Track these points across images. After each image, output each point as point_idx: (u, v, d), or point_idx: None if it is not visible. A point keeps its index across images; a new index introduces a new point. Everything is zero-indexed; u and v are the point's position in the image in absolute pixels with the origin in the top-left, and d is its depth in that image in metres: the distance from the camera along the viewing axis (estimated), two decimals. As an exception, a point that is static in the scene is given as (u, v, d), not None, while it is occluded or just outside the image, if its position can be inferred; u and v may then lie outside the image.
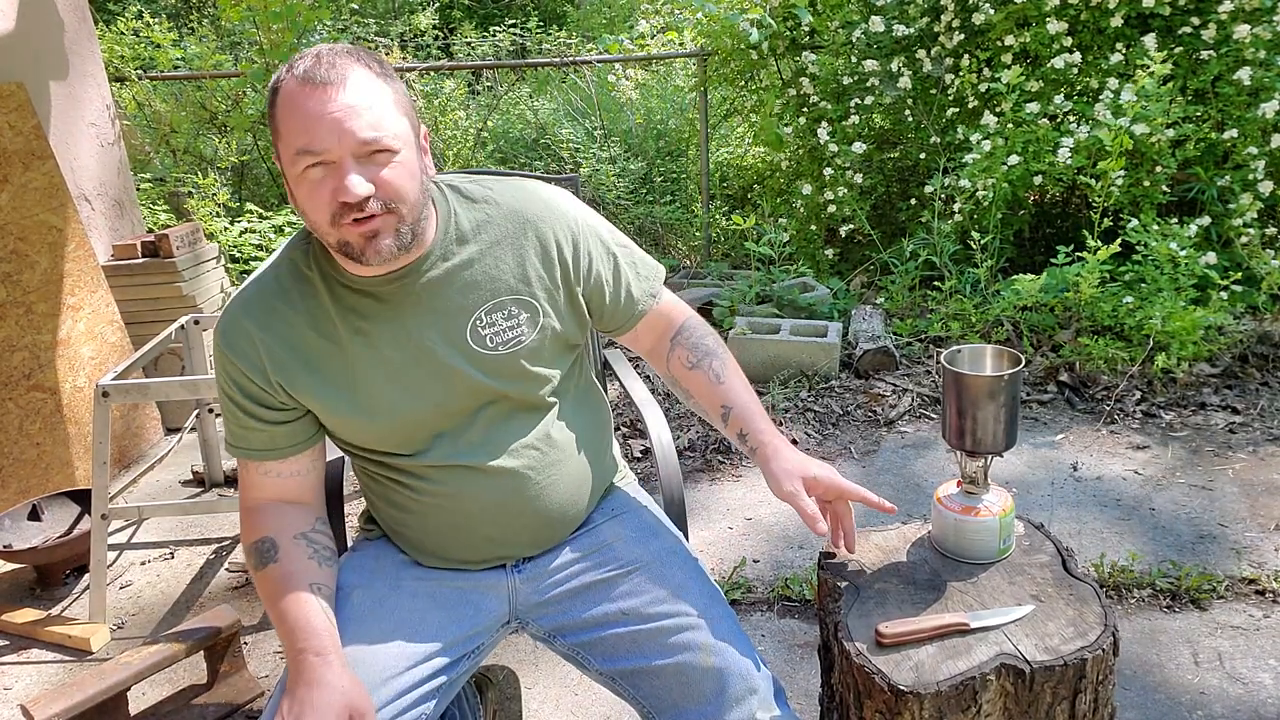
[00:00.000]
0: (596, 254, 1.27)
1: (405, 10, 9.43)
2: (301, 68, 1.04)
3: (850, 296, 4.16)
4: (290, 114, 1.04)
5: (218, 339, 1.18)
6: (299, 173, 1.05)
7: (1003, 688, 1.09)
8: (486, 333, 1.19)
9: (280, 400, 1.18)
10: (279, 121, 1.05)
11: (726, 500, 2.75)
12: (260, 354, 1.16)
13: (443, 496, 1.21)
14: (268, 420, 1.18)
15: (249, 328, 1.16)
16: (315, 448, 1.24)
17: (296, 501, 1.23)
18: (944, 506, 1.30)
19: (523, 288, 1.21)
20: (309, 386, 1.17)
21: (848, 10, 4.28)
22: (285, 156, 1.06)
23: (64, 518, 2.61)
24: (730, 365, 1.35)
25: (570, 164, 5.48)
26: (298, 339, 1.16)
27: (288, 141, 1.05)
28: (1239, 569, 2.22)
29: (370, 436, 1.20)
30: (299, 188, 1.07)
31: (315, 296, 1.17)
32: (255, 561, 1.17)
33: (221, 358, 1.18)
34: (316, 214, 1.07)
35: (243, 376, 1.17)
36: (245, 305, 1.18)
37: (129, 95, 5.24)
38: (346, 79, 1.04)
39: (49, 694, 1.71)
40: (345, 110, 1.03)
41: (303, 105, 1.03)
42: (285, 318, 1.16)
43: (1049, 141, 3.54)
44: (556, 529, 1.29)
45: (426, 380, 1.18)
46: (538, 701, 1.94)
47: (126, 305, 3.39)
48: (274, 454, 1.20)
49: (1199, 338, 3.14)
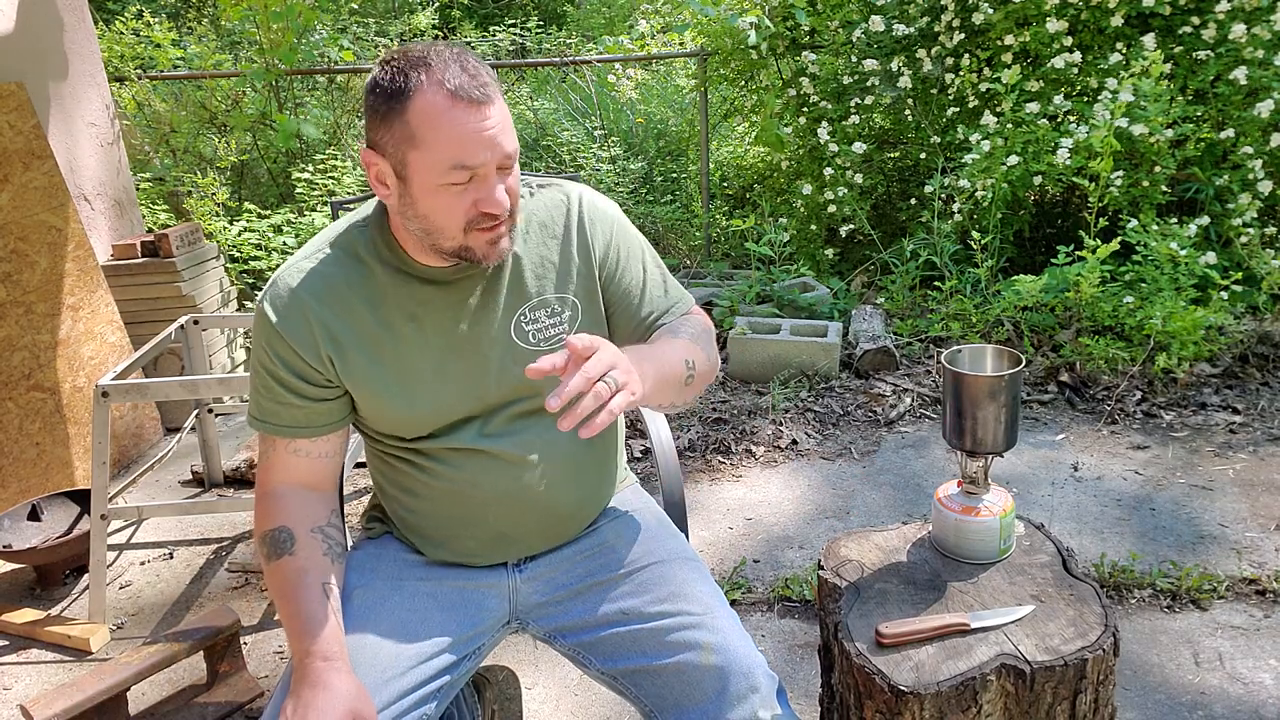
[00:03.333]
0: (633, 262, 1.30)
1: (405, 10, 9.42)
2: (454, 81, 1.04)
3: (850, 296, 4.16)
4: (443, 126, 1.04)
5: (265, 310, 1.16)
6: (443, 184, 1.06)
7: (1003, 688, 1.09)
8: (530, 329, 1.22)
9: (326, 377, 1.18)
10: (417, 128, 1.04)
11: (726, 500, 2.75)
12: (314, 328, 1.15)
13: (458, 482, 1.22)
14: (308, 397, 1.18)
15: (305, 300, 1.16)
16: (344, 430, 1.24)
17: (317, 488, 1.23)
18: (944, 506, 1.30)
19: (566, 286, 1.24)
20: (359, 366, 1.17)
21: (848, 10, 4.28)
22: (427, 164, 1.06)
23: (64, 518, 2.61)
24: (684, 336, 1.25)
25: (570, 164, 5.48)
26: (354, 318, 1.17)
27: (433, 150, 1.05)
28: (1239, 569, 2.22)
29: (402, 422, 1.21)
30: (435, 196, 1.07)
31: (372, 280, 1.18)
32: (269, 551, 1.16)
33: (268, 329, 1.16)
34: (449, 220, 1.08)
35: (290, 351, 1.16)
36: (301, 279, 1.17)
37: (129, 95, 5.23)
38: (494, 97, 1.07)
39: (49, 694, 1.71)
40: (497, 127, 1.06)
41: (461, 121, 1.04)
42: (342, 296, 1.17)
43: (1049, 142, 3.54)
44: (566, 525, 1.29)
45: (467, 371, 1.20)
46: (538, 701, 1.94)
47: (126, 305, 3.39)
48: (307, 431, 1.20)
49: (1199, 338, 3.15)
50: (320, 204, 4.89)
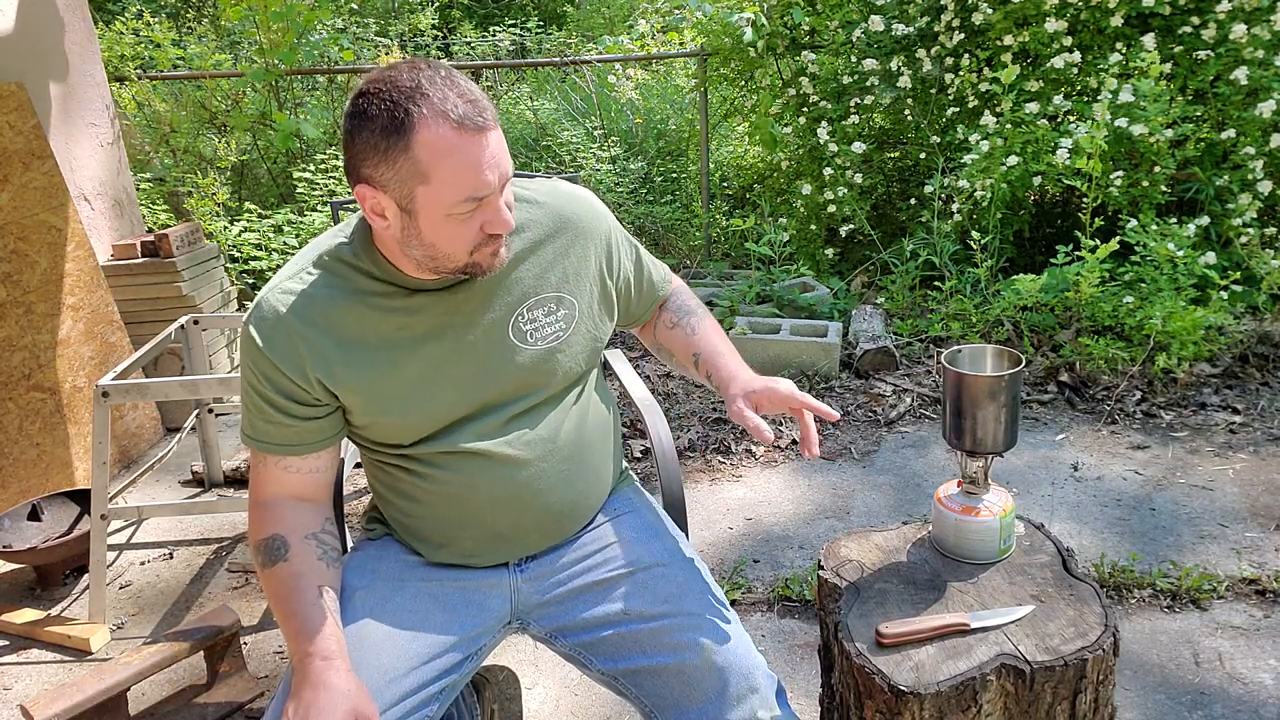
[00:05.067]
0: (625, 250, 1.37)
1: (405, 10, 9.43)
2: (457, 112, 1.01)
3: (850, 296, 4.16)
4: (453, 160, 1.02)
5: (250, 333, 1.15)
6: (452, 214, 1.05)
7: (1003, 688, 1.09)
8: (528, 328, 1.22)
9: (314, 396, 1.17)
10: (425, 164, 1.02)
11: (726, 500, 2.75)
12: (299, 348, 1.14)
13: (455, 485, 1.22)
14: (297, 416, 1.17)
15: (289, 321, 1.14)
16: (335, 446, 1.24)
17: (310, 499, 1.23)
18: (944, 506, 1.30)
19: (562, 285, 1.25)
20: (350, 381, 1.16)
21: (847, 10, 4.28)
22: (437, 199, 1.04)
23: (64, 518, 2.61)
24: (707, 321, 1.43)
25: (570, 164, 5.48)
26: (342, 334, 1.16)
27: (449, 188, 1.03)
28: (1239, 569, 2.22)
29: (398, 429, 1.20)
30: (443, 226, 1.06)
31: (359, 294, 1.17)
32: (264, 559, 1.17)
33: (254, 352, 1.15)
34: (456, 247, 1.09)
35: (276, 371, 1.15)
36: (284, 299, 1.15)
37: (129, 95, 5.24)
38: (494, 120, 1.06)
39: (49, 694, 1.71)
40: (498, 150, 1.06)
41: (470, 154, 1.03)
42: (328, 312, 1.15)
43: (1048, 142, 3.54)
44: (565, 524, 1.29)
45: (464, 374, 1.19)
46: (538, 701, 1.94)
47: (126, 305, 3.39)
48: (298, 449, 1.19)
49: (1199, 338, 3.15)
50: (320, 204, 4.89)
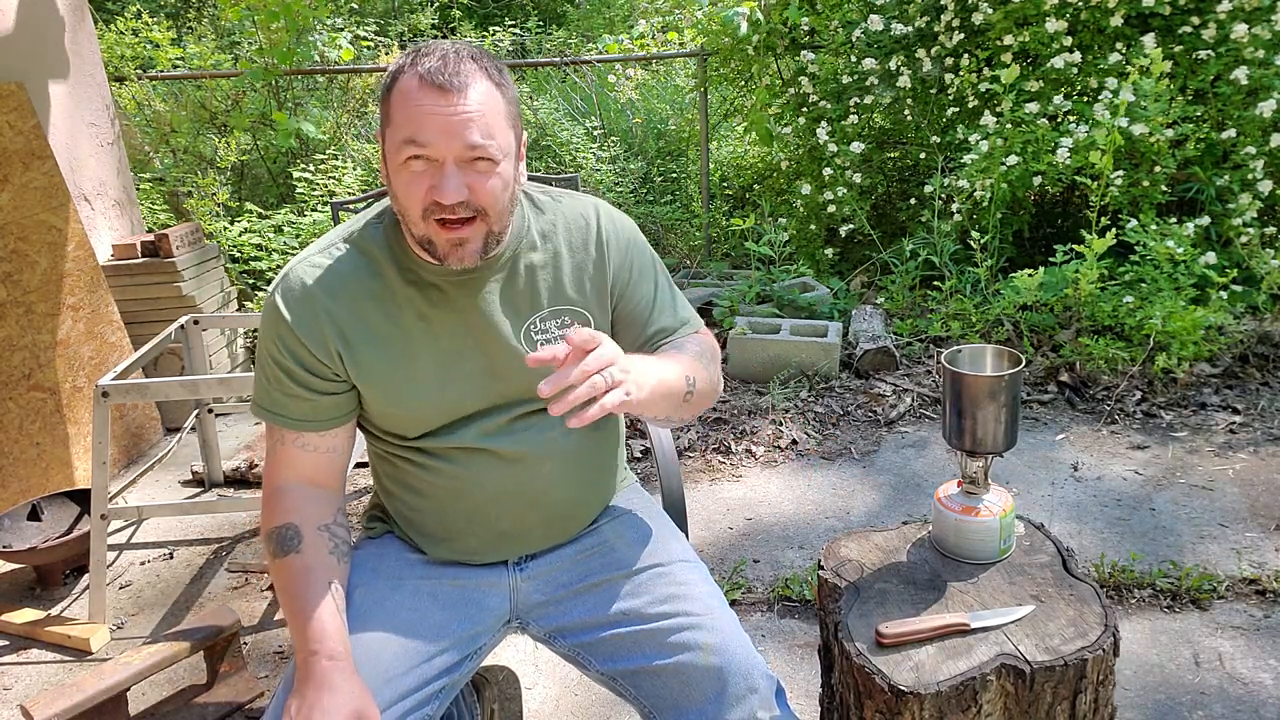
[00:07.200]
0: (645, 279, 1.31)
1: (405, 10, 9.43)
2: (427, 65, 1.06)
3: (850, 296, 4.16)
4: (403, 105, 1.06)
5: (276, 303, 1.16)
6: (401, 161, 1.07)
7: (1003, 688, 1.09)
8: (540, 338, 1.22)
9: (334, 371, 1.18)
10: (392, 108, 1.08)
11: (726, 500, 2.75)
12: (324, 323, 1.16)
13: (461, 480, 1.22)
14: (316, 390, 1.18)
15: (316, 294, 1.16)
16: (350, 425, 1.24)
17: (324, 484, 1.23)
18: (944, 506, 1.30)
19: (578, 299, 1.25)
20: (367, 362, 1.17)
21: (847, 9, 4.28)
22: (390, 142, 1.09)
23: (64, 518, 2.61)
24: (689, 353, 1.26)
25: (570, 164, 5.48)
26: (365, 315, 1.17)
27: (396, 128, 1.07)
28: (1239, 569, 2.22)
29: (407, 420, 1.21)
30: (398, 175, 1.09)
31: (383, 277, 1.18)
32: (275, 548, 1.16)
33: (278, 323, 1.16)
34: (409, 203, 1.09)
35: (300, 345, 1.16)
36: (313, 272, 1.17)
37: (129, 95, 5.23)
38: (468, 87, 1.06)
39: (49, 694, 1.71)
40: (460, 116, 1.05)
41: (418, 101, 1.05)
42: (354, 291, 1.17)
43: (1048, 142, 3.54)
44: (567, 523, 1.30)
45: (474, 372, 1.20)
46: (538, 701, 1.94)
47: (126, 305, 3.39)
48: (314, 425, 1.19)
49: (1199, 338, 3.14)
50: (320, 204, 4.89)
